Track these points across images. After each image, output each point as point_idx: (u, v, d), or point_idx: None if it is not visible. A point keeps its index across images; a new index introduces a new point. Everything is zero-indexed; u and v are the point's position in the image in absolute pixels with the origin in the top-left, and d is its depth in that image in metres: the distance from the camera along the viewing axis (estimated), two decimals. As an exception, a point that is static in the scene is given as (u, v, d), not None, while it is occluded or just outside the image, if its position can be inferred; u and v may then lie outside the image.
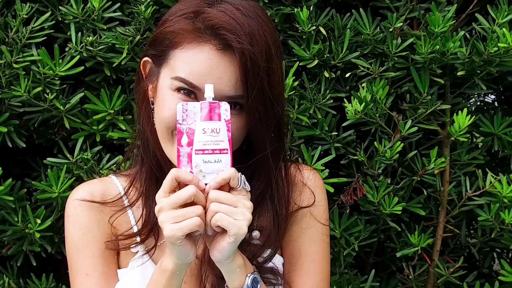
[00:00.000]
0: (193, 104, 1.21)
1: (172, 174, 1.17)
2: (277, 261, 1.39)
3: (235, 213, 1.17)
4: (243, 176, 1.20)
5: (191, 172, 1.20)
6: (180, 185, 1.18)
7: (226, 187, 1.19)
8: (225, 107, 1.22)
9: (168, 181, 1.18)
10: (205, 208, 1.18)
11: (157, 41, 1.31)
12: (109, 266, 1.38)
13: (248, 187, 1.21)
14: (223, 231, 1.18)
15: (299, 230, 1.40)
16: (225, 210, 1.17)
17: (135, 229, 1.40)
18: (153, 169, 1.37)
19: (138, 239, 1.38)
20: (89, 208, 1.39)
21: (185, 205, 1.17)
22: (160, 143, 1.31)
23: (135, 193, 1.41)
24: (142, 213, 1.39)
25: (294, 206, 1.40)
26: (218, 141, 1.21)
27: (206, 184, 1.20)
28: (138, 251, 1.40)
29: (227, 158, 1.21)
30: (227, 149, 1.21)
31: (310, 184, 1.42)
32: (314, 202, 1.41)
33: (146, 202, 1.38)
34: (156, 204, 1.19)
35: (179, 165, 1.21)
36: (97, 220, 1.39)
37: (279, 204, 1.36)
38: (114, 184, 1.44)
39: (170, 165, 1.28)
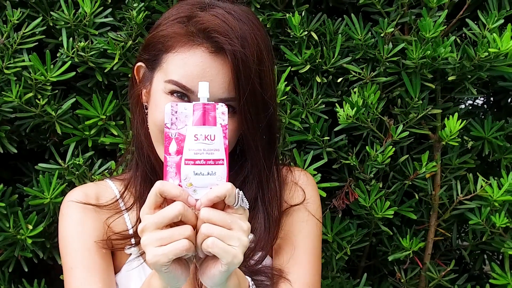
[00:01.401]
0: (184, 105, 1.08)
1: (156, 187, 1.04)
2: (267, 262, 1.39)
3: (230, 238, 1.04)
4: (241, 192, 1.07)
5: (179, 185, 1.05)
6: (167, 200, 1.06)
7: (220, 204, 1.06)
8: (222, 109, 1.08)
9: (152, 196, 1.05)
10: (195, 228, 1.05)
11: (150, 45, 1.32)
12: (97, 262, 1.35)
13: (246, 204, 1.08)
14: (215, 256, 1.05)
15: (294, 224, 1.40)
16: (218, 234, 1.03)
17: (131, 232, 1.40)
18: (147, 173, 1.37)
19: (133, 241, 1.38)
20: (84, 207, 1.38)
21: (174, 223, 1.05)
22: (154, 147, 1.32)
23: (130, 197, 1.42)
24: (138, 217, 1.39)
25: (285, 205, 1.40)
26: (213, 150, 1.05)
27: (197, 200, 1.05)
28: (131, 253, 1.39)
29: (222, 170, 1.05)
30: (223, 160, 1.06)
31: (302, 183, 1.43)
32: (304, 199, 1.41)
33: (141, 206, 1.38)
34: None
35: (165, 176, 1.06)
36: (91, 218, 1.38)
37: (270, 206, 1.36)
38: (110, 188, 1.44)
39: None
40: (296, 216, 1.40)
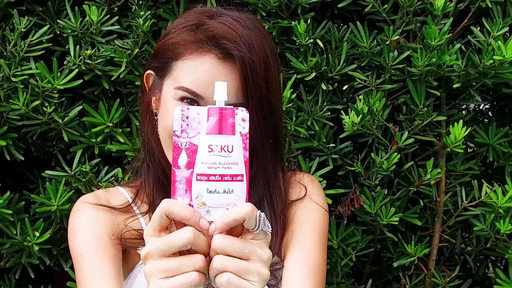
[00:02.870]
0: (197, 109, 0.94)
1: (162, 207, 0.92)
2: (274, 261, 1.38)
3: (247, 272, 0.91)
4: (262, 214, 0.94)
5: (190, 205, 0.91)
6: (175, 221, 0.94)
7: (238, 227, 0.94)
8: (242, 115, 0.93)
9: (157, 217, 0.92)
10: (208, 255, 0.93)
11: (160, 53, 1.34)
12: (107, 248, 1.33)
13: (268, 228, 0.95)
14: None
15: (299, 214, 1.40)
16: (234, 268, 0.91)
17: None
18: (159, 176, 1.39)
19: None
20: (98, 207, 1.38)
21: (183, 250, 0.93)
22: (164, 153, 1.34)
23: (142, 203, 1.43)
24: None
25: (287, 201, 1.41)
26: (230, 164, 0.90)
27: (211, 223, 0.91)
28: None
29: (241, 187, 0.91)
30: (242, 175, 0.91)
31: (305, 182, 1.45)
32: (306, 193, 1.42)
33: (154, 211, 1.39)
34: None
35: (173, 193, 0.91)
36: (104, 215, 1.37)
37: (277, 207, 1.37)
38: (121, 194, 1.45)
39: None
40: (300, 207, 1.41)
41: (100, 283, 1.27)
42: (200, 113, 0.92)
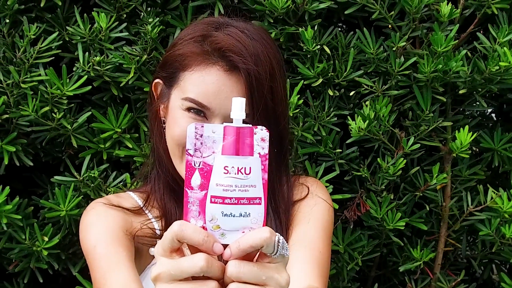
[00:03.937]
0: (212, 127, 0.86)
1: (173, 231, 0.85)
2: None
3: None
4: (281, 238, 0.87)
5: (203, 227, 0.84)
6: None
7: (254, 251, 0.88)
8: (261, 135, 0.86)
9: (168, 240, 0.86)
10: (221, 279, 0.87)
11: (167, 63, 1.36)
12: (120, 239, 1.33)
13: (287, 250, 0.88)
14: None
15: (303, 212, 1.40)
16: None
17: (158, 233, 1.42)
18: (169, 181, 1.41)
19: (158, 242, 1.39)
20: (111, 207, 1.39)
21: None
22: (172, 160, 1.36)
23: (153, 208, 1.44)
24: (162, 226, 1.42)
25: (291, 202, 1.42)
26: (247, 186, 0.84)
27: (225, 246, 0.85)
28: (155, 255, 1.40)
29: (258, 211, 0.84)
30: (260, 198, 0.85)
31: (308, 183, 1.47)
32: (308, 192, 1.43)
33: (165, 215, 1.41)
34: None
35: (186, 215, 0.85)
36: (117, 213, 1.38)
37: (283, 214, 1.39)
38: (132, 198, 1.47)
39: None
40: (303, 204, 1.42)
41: (115, 269, 1.26)
42: (215, 131, 0.85)
